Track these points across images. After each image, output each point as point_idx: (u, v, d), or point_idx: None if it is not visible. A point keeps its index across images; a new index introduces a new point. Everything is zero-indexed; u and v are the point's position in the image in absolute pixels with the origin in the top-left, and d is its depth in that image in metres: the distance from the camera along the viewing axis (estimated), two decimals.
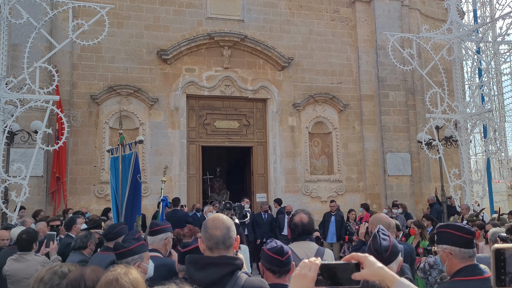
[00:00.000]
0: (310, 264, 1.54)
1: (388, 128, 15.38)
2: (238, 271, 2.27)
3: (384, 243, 2.45)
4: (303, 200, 14.64)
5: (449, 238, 2.63)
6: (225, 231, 2.33)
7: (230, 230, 2.36)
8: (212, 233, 2.32)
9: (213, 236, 2.31)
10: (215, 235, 2.31)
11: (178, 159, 13.74)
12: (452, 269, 2.61)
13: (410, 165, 15.32)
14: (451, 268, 2.62)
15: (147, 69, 13.83)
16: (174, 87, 13.98)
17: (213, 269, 2.22)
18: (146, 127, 13.59)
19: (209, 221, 2.38)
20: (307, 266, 1.54)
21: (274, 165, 14.63)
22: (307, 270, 1.53)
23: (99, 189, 12.92)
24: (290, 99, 15.01)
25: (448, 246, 2.63)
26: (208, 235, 2.32)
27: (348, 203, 14.93)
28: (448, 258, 2.63)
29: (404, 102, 15.66)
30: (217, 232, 2.31)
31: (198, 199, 14.16)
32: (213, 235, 2.31)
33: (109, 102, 13.37)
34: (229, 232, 2.35)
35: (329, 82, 15.42)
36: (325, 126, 15.39)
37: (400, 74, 15.55)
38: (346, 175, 15.25)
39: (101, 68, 13.46)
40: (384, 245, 2.43)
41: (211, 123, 14.59)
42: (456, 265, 2.60)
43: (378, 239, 2.46)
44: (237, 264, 2.28)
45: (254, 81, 14.74)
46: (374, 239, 2.48)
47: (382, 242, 2.44)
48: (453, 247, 2.61)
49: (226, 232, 2.33)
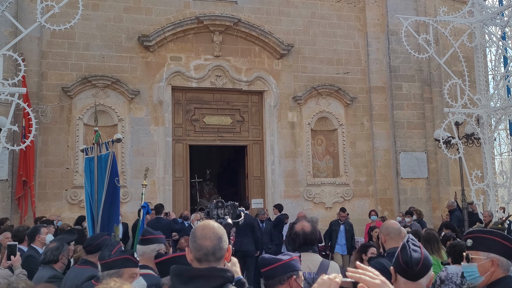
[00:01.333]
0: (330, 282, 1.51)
1: (401, 124, 15.41)
2: (228, 284, 2.27)
3: (415, 255, 2.43)
4: (305, 206, 14.65)
5: (495, 246, 2.69)
6: (216, 242, 2.34)
7: (221, 240, 2.37)
8: (201, 243, 2.33)
9: (202, 246, 2.32)
10: (204, 245, 2.32)
11: (163, 160, 13.72)
12: (490, 280, 2.67)
13: (426, 166, 15.36)
14: (490, 279, 2.68)
15: (127, 57, 13.79)
16: (157, 78, 13.95)
17: (201, 282, 2.22)
18: (125, 124, 13.56)
19: (198, 230, 2.39)
20: (327, 284, 1.52)
21: (272, 166, 14.64)
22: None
23: (72, 194, 12.88)
24: (290, 91, 15.01)
25: (496, 255, 2.69)
26: (197, 245, 2.33)
27: (356, 209, 14.96)
28: (492, 268, 2.68)
29: (420, 95, 15.70)
30: (206, 243, 2.32)
31: (186, 206, 14.15)
32: (202, 246, 2.32)
33: (83, 95, 13.32)
34: (220, 242, 2.36)
35: (334, 72, 15.43)
36: (329, 122, 15.41)
37: (414, 63, 15.58)
38: (354, 178, 15.28)
39: (74, 57, 13.40)
40: (415, 257, 2.41)
41: (200, 119, 14.58)
42: (496, 276, 2.67)
43: (408, 250, 2.44)
44: (227, 276, 2.27)
45: (249, 71, 14.73)
46: (403, 250, 2.46)
47: (412, 254, 2.42)
48: (500, 257, 2.68)
49: (217, 243, 2.34)
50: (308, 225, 3.77)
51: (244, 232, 10.95)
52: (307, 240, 3.72)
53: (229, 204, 3.81)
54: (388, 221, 4.22)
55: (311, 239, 3.72)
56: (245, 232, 11.03)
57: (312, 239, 3.73)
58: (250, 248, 11.03)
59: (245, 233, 11.01)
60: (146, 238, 4.09)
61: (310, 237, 3.72)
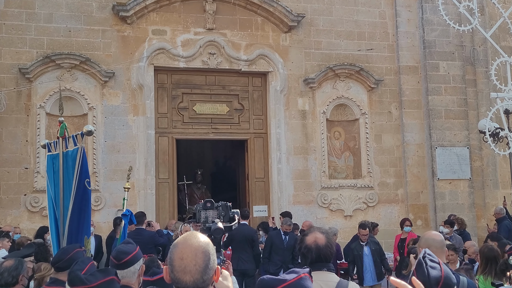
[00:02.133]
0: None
1: (438, 112, 15.37)
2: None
3: (434, 273, 2.44)
4: (318, 215, 14.65)
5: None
6: (199, 275, 2.31)
7: (207, 269, 2.34)
8: (179, 277, 2.32)
9: (181, 281, 2.31)
10: (183, 281, 2.31)
11: (143, 157, 13.72)
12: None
13: (469, 164, 15.32)
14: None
15: (99, 31, 13.76)
16: (136, 57, 13.92)
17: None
18: (97, 113, 13.56)
19: (176, 258, 2.35)
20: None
21: (278, 165, 14.63)
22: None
23: (33, 200, 12.88)
24: (301, 72, 14.98)
25: None
26: (175, 277, 2.32)
27: (383, 217, 14.95)
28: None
29: (461, 77, 15.64)
30: (186, 278, 2.31)
31: (172, 214, 14.15)
32: (181, 280, 2.31)
33: (45, 78, 13.30)
34: (205, 274, 2.33)
35: (355, 48, 15.38)
36: (349, 110, 15.39)
37: (454, 37, 15.52)
38: (379, 179, 15.26)
39: (34, 30, 13.38)
40: (434, 276, 2.42)
41: (189, 107, 14.56)
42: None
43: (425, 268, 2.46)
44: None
45: (249, 47, 14.70)
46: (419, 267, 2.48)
47: (430, 272, 2.44)
48: None
49: (200, 276, 2.31)
50: (322, 237, 3.76)
51: (242, 247, 10.95)
52: (321, 256, 3.70)
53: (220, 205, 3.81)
54: (429, 232, 4.22)
55: (325, 254, 3.70)
56: (243, 246, 11.03)
57: (327, 255, 3.71)
58: (250, 266, 11.04)
59: (243, 248, 11.01)
60: (124, 262, 4.10)
61: (324, 252, 3.71)
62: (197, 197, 17.70)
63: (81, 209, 7.02)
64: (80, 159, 6.99)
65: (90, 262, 4.39)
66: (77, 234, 6.98)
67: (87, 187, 7.06)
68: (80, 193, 6.98)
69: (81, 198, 7.00)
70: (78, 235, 6.98)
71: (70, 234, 6.92)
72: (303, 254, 3.78)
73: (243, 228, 11.10)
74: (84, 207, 7.07)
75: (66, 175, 7.04)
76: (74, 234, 6.94)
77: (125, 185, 8.67)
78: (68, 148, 7.14)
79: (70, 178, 7.01)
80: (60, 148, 7.12)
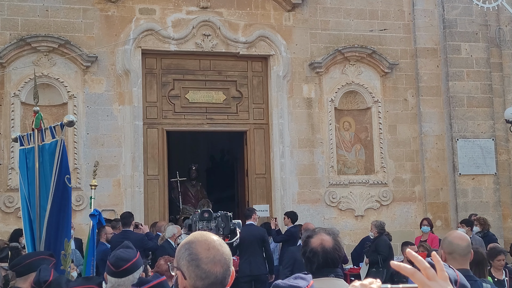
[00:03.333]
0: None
1: (460, 100, 15.34)
2: None
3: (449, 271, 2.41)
4: (326, 215, 14.65)
5: None
6: (226, 267, 2.43)
7: (230, 264, 2.47)
8: (209, 269, 2.39)
9: (211, 273, 2.39)
10: (214, 272, 2.39)
11: (130, 151, 13.71)
12: None
13: (494, 158, 15.30)
14: None
15: (79, 10, 13.72)
16: (122, 39, 13.89)
17: None
18: (78, 102, 13.54)
19: (202, 250, 2.43)
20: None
21: (281, 160, 14.61)
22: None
23: (7, 199, 12.90)
24: (306, 56, 14.95)
25: None
26: (203, 271, 2.38)
27: (398, 217, 14.95)
28: None
29: (485, 60, 15.60)
30: (216, 269, 2.40)
31: (163, 214, 14.17)
32: (211, 273, 2.39)
33: (19, 63, 13.29)
34: (230, 266, 2.46)
35: (366, 28, 15.34)
36: (360, 98, 15.37)
37: (478, 16, 15.45)
38: (394, 175, 15.25)
39: (7, 10, 13.34)
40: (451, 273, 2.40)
41: (181, 95, 14.55)
42: None
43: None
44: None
45: (248, 28, 14.66)
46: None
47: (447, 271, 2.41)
48: None
49: (228, 268, 2.44)
50: (329, 239, 3.75)
51: (253, 249, 10.92)
52: (328, 260, 3.69)
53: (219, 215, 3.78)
54: (453, 233, 4.16)
55: (333, 258, 3.69)
56: (253, 249, 11.00)
57: (335, 259, 3.70)
58: (262, 271, 11.01)
59: (254, 251, 10.99)
60: (123, 269, 4.11)
61: (332, 255, 3.69)
62: (192, 195, 17.70)
63: (61, 209, 7.01)
64: (60, 153, 6.96)
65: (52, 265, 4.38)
66: (56, 237, 6.96)
67: (67, 184, 7.03)
68: (59, 191, 6.97)
69: (60, 197, 6.98)
70: (57, 238, 6.97)
71: (48, 237, 6.90)
72: (308, 259, 3.76)
73: (251, 228, 11.10)
74: (63, 207, 7.05)
75: (43, 172, 7.02)
76: (52, 237, 6.93)
77: (92, 183, 8.71)
78: (44, 141, 7.10)
79: (48, 174, 6.99)
80: (35, 141, 7.08)
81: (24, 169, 7.17)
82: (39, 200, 6.97)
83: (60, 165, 6.98)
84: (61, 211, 7.03)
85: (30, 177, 7.07)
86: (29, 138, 7.18)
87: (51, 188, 6.93)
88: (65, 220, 7.11)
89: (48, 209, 6.91)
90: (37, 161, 7.03)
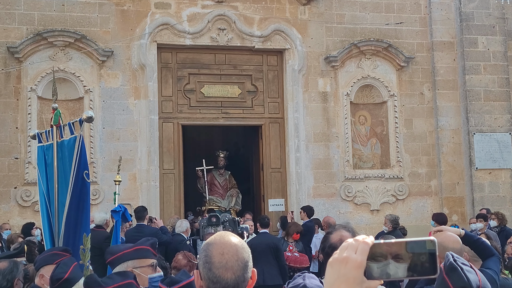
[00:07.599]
0: (357, 244, 1.56)
1: (477, 94, 15.27)
2: None
3: (472, 277, 2.44)
4: (342, 209, 14.66)
5: None
6: (240, 273, 2.40)
7: (246, 269, 2.42)
8: (219, 274, 2.38)
9: (221, 279, 2.38)
10: (224, 278, 2.38)
11: (146, 145, 13.77)
12: None
13: (511, 152, 15.22)
14: None
15: (95, 4, 13.78)
16: (138, 33, 13.94)
17: None
18: (94, 96, 13.61)
19: (216, 253, 2.42)
20: (352, 247, 1.57)
21: (297, 154, 14.63)
22: (351, 252, 1.56)
23: (24, 193, 12.98)
24: (321, 49, 14.94)
25: None
26: (213, 275, 2.38)
27: (414, 212, 14.93)
28: None
29: (502, 53, 15.52)
30: (227, 275, 2.38)
31: (179, 209, 14.21)
32: (221, 278, 2.38)
33: (36, 58, 13.36)
34: (245, 272, 2.42)
35: (382, 22, 15.29)
36: (376, 92, 15.34)
37: (495, 9, 15.38)
38: (410, 169, 15.22)
39: (24, 5, 13.40)
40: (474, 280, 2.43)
41: (196, 89, 14.58)
42: None
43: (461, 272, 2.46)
44: None
45: (263, 22, 14.66)
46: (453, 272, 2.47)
47: (469, 276, 2.44)
48: None
49: (241, 274, 2.40)
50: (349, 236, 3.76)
51: (266, 259, 10.79)
52: None
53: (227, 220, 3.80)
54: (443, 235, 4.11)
55: None
56: (266, 257, 10.87)
57: None
58: (275, 281, 10.93)
59: (267, 260, 10.84)
60: None
61: None
62: (220, 185, 16.68)
63: (79, 204, 7.00)
64: (79, 149, 6.98)
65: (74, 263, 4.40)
66: (75, 232, 6.98)
67: (86, 180, 7.05)
68: (78, 187, 6.95)
69: (79, 192, 6.96)
70: (76, 232, 6.98)
71: (67, 233, 6.92)
72: (327, 254, 3.78)
73: (265, 237, 11.02)
74: (82, 202, 7.05)
75: (62, 167, 7.01)
76: (71, 233, 6.94)
77: (116, 178, 8.68)
78: (63, 138, 7.14)
79: (67, 170, 6.99)
80: (53, 138, 7.12)
81: (42, 165, 7.18)
82: (58, 196, 6.97)
83: (79, 160, 6.98)
84: (79, 206, 7.03)
85: (49, 173, 7.09)
86: (48, 135, 7.21)
87: (70, 183, 6.94)
88: (84, 215, 7.11)
89: (67, 205, 6.91)
90: (56, 157, 7.06)
